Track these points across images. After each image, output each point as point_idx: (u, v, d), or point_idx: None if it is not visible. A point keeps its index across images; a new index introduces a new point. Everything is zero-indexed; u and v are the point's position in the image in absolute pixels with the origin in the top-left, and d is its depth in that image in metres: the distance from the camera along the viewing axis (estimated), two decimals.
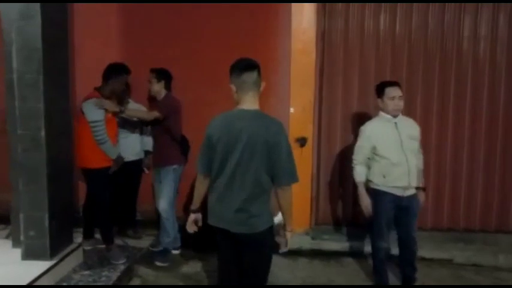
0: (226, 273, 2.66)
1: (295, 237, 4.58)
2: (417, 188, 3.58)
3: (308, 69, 4.60)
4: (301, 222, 4.69)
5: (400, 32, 4.67)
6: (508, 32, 4.60)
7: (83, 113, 3.76)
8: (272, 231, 2.52)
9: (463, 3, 4.59)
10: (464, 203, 4.75)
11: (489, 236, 4.68)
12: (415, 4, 4.62)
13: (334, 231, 4.83)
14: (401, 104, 3.50)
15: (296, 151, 4.57)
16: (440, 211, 4.77)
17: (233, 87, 2.48)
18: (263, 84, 2.52)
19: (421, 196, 3.64)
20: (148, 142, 4.55)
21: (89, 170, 3.88)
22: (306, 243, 4.61)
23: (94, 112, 3.72)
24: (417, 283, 3.65)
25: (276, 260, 4.24)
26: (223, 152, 2.43)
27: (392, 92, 3.49)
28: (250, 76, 2.43)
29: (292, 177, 2.42)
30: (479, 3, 4.58)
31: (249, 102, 2.46)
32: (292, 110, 4.64)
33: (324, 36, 4.73)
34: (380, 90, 3.56)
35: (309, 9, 4.54)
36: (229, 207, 2.46)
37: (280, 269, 4.14)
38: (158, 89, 4.21)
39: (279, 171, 2.38)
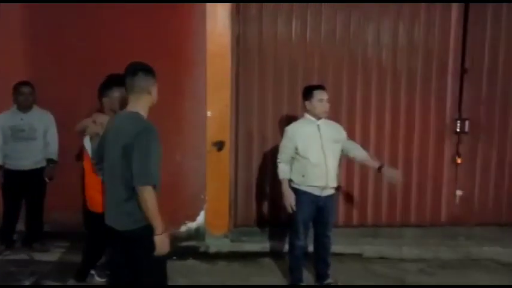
0: (115, 271, 2.79)
1: (214, 241, 4.61)
2: (379, 168, 3.72)
3: (224, 73, 4.61)
4: (220, 226, 4.69)
5: (310, 39, 4.88)
6: (407, 39, 4.99)
7: (85, 148, 3.35)
8: (148, 230, 2.49)
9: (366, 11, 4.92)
10: (372, 200, 5.08)
11: (395, 230, 5.03)
12: (323, 11, 4.85)
13: (254, 233, 4.90)
14: (328, 106, 3.67)
15: (213, 155, 4.60)
16: (350, 208, 5.06)
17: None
18: (153, 89, 2.61)
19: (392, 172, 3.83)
20: (53, 150, 4.32)
21: (93, 214, 3.33)
22: (225, 246, 4.62)
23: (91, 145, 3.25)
24: (329, 279, 3.81)
25: (194, 264, 4.30)
26: (106, 151, 2.62)
27: (321, 95, 3.64)
28: (132, 80, 2.56)
29: (141, 180, 2.41)
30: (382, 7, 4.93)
31: (131, 104, 2.59)
32: (209, 113, 4.63)
33: (239, 40, 4.79)
34: (308, 93, 3.69)
35: (224, 13, 4.55)
36: (111, 206, 2.60)
37: (198, 274, 4.11)
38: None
39: (133, 172, 2.42)
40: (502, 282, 4.03)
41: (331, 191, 3.70)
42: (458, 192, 5.16)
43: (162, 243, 2.50)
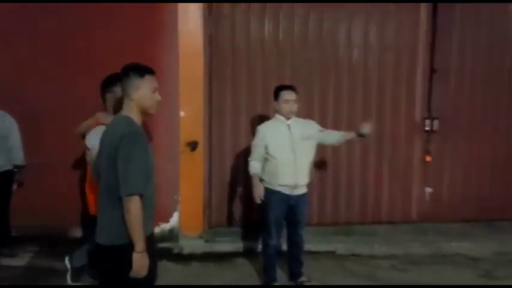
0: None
1: (188, 242, 4.58)
2: (359, 134, 3.66)
3: (197, 73, 4.59)
4: (194, 226, 4.68)
5: (283, 38, 4.92)
6: (378, 40, 5.08)
7: (88, 148, 3.12)
8: (130, 249, 2.22)
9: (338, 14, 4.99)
10: (344, 199, 5.16)
11: (367, 227, 5.12)
12: (295, 11, 4.90)
13: (228, 233, 4.90)
14: (295, 107, 3.68)
15: (187, 155, 4.57)
16: (323, 207, 5.12)
17: None
18: (134, 92, 2.35)
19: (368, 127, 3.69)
20: (17, 156, 4.19)
21: (93, 217, 2.99)
22: (199, 247, 4.60)
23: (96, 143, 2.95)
24: (303, 277, 3.85)
25: (168, 266, 4.25)
26: (101, 156, 2.41)
27: (286, 95, 3.66)
28: (123, 83, 2.40)
29: (125, 189, 2.18)
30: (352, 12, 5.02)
31: (123, 107, 2.42)
32: (182, 113, 4.60)
33: (211, 40, 4.78)
34: (276, 94, 3.72)
35: (196, 12, 4.53)
36: (99, 214, 2.39)
37: (172, 275, 4.08)
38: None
39: (119, 180, 2.21)
40: (471, 276, 4.16)
41: (303, 190, 3.73)
42: (428, 190, 5.29)
43: (140, 262, 2.21)
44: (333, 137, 3.85)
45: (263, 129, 3.73)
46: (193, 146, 4.60)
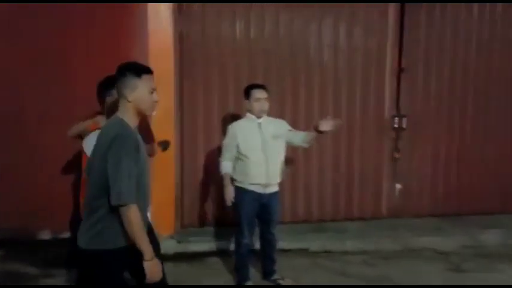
0: None
1: (160, 243, 4.52)
2: (318, 131, 3.43)
3: (167, 72, 4.55)
4: (166, 227, 4.63)
5: (254, 38, 4.94)
6: (347, 39, 5.15)
7: (84, 151, 3.03)
8: (114, 257, 2.23)
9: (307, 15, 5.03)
10: (316, 196, 5.21)
11: (339, 224, 5.18)
12: (266, 12, 4.92)
13: (200, 233, 4.88)
14: (266, 105, 3.68)
15: (158, 155, 4.51)
16: (296, 204, 5.17)
17: None
18: (129, 93, 2.27)
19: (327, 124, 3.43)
20: None
21: None
22: (172, 247, 4.55)
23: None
24: (276, 274, 3.88)
25: None
26: (95, 157, 2.32)
27: (257, 94, 3.66)
28: (118, 83, 2.33)
29: (115, 198, 2.12)
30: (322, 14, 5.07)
31: (119, 110, 2.34)
32: (153, 113, 4.53)
33: (182, 39, 4.75)
34: (247, 93, 3.71)
35: (166, 12, 4.50)
36: (83, 216, 2.32)
37: None
38: None
39: (109, 185, 2.15)
40: (440, 269, 4.26)
41: (275, 188, 3.75)
42: (397, 186, 5.40)
43: (152, 269, 2.21)
44: (300, 137, 3.73)
45: (234, 128, 3.72)
46: (164, 145, 4.52)
